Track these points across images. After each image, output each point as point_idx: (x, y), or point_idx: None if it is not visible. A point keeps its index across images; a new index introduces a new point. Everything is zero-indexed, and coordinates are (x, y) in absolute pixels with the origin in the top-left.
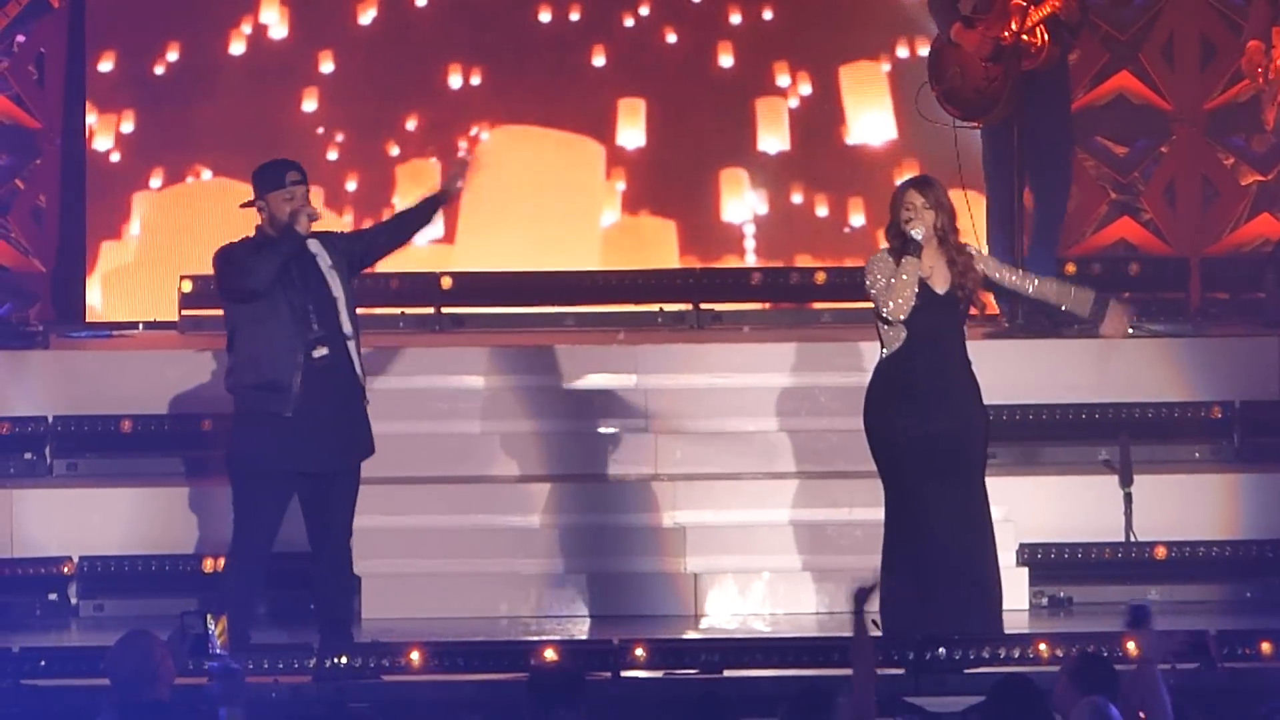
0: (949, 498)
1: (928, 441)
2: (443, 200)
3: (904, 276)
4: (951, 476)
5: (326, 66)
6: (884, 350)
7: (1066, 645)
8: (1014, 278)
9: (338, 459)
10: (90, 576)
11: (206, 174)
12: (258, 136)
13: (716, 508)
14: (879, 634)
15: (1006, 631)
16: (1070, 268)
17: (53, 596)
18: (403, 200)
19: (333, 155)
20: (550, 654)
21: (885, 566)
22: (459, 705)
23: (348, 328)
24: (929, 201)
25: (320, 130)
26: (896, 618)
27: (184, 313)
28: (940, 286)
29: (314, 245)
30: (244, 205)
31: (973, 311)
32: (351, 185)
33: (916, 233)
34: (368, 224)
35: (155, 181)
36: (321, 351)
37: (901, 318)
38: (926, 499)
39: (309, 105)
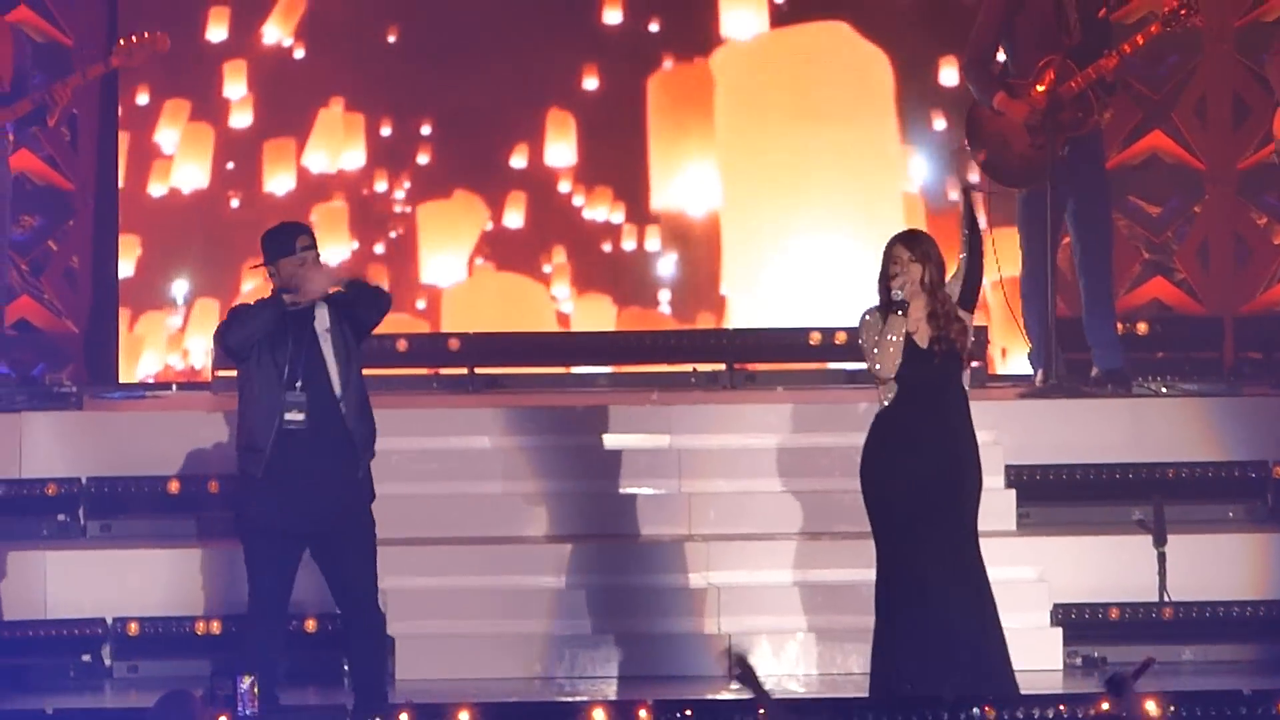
0: (941, 552)
1: (920, 495)
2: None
3: (890, 336)
4: (944, 530)
5: (382, 125)
6: (881, 404)
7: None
8: (957, 281)
9: (323, 521)
10: (124, 638)
11: (239, 235)
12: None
13: (750, 568)
14: None
15: (1039, 692)
16: (1121, 327)
17: (86, 658)
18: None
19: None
20: (599, 714)
21: (882, 619)
22: None
23: (338, 389)
24: (915, 255)
25: (365, 191)
26: (902, 678)
27: (217, 373)
28: (923, 340)
29: (318, 305)
30: (252, 268)
31: (974, 364)
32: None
33: (898, 293)
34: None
35: (187, 242)
36: (296, 416)
37: (890, 375)
38: (918, 553)
39: (337, 159)
